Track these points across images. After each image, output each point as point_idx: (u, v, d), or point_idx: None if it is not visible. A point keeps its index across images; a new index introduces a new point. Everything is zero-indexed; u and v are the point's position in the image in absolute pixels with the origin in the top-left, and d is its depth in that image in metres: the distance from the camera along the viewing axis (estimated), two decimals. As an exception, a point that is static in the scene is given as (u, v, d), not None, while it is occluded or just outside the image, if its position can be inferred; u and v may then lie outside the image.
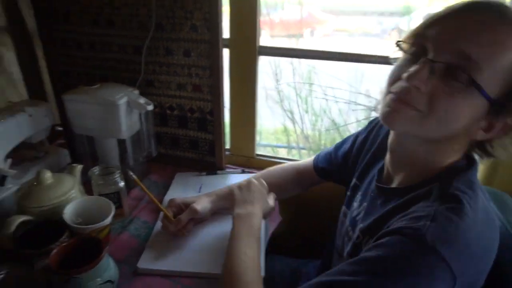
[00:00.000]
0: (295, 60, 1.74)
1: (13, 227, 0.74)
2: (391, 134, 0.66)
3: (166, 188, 1.11)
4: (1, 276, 0.65)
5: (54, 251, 0.66)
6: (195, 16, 1.01)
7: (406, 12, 1.88)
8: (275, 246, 1.01)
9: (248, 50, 1.10)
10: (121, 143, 1.08)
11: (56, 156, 1.12)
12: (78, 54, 1.17)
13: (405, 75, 0.54)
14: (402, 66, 0.56)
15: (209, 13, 0.99)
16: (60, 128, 1.29)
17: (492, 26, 0.50)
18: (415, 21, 0.70)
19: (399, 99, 0.54)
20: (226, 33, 1.08)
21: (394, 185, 0.65)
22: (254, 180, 0.88)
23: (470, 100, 0.51)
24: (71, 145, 1.19)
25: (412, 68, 0.53)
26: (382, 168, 0.71)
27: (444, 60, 0.51)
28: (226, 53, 1.10)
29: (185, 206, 0.89)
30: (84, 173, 0.96)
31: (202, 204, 0.88)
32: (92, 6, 1.09)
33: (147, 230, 0.93)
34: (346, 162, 0.87)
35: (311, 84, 2.80)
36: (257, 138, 1.27)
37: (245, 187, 0.86)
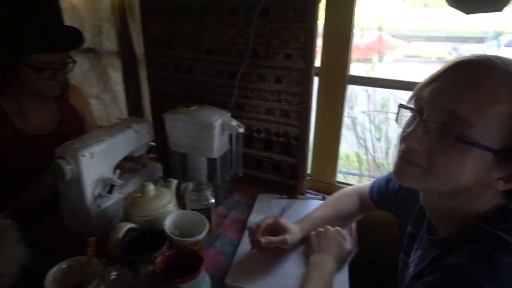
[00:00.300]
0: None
1: (121, 233, 0.81)
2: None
3: (248, 207, 1.15)
4: (113, 277, 0.71)
5: (159, 259, 0.71)
6: (290, 46, 1.06)
7: (495, 36, 1.78)
8: (358, 277, 0.99)
9: (337, 79, 1.11)
10: (211, 161, 1.14)
11: (151, 169, 1.21)
12: (177, 77, 1.28)
13: (403, 135, 0.59)
14: (405, 127, 0.61)
15: (305, 43, 1.03)
16: (152, 144, 1.40)
17: (478, 82, 0.52)
18: (504, 47, 0.72)
19: (404, 158, 0.60)
20: (316, 62, 1.11)
21: (439, 235, 0.66)
22: (330, 228, 0.93)
23: (469, 154, 0.53)
24: (165, 160, 1.28)
25: (409, 129, 0.58)
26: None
27: (434, 119, 0.55)
28: (315, 80, 1.13)
29: (277, 227, 0.92)
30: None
31: (294, 236, 0.91)
32: (194, 35, 1.19)
33: (232, 248, 0.96)
34: (397, 198, 0.87)
35: (387, 112, 2.73)
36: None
37: (322, 234, 0.92)
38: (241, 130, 1.07)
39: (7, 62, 1.05)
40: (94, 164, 0.96)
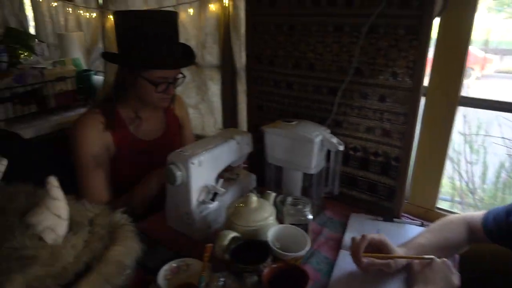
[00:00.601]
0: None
1: (226, 241, 0.85)
2: None
3: (341, 225, 1.13)
4: (221, 282, 0.74)
5: (266, 271, 0.73)
6: (397, 64, 1.03)
7: None
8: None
9: (448, 100, 1.05)
10: (306, 176, 1.14)
11: (246, 179, 1.25)
12: (275, 92, 1.31)
13: None
14: None
15: (414, 62, 0.99)
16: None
17: None
18: None
19: None
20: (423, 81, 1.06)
21: None
22: (437, 260, 0.86)
23: None
24: (258, 171, 1.31)
25: None
26: None
27: None
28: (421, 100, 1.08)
29: (383, 246, 0.89)
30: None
31: (398, 260, 0.87)
32: (296, 51, 1.21)
33: (328, 266, 0.95)
34: None
35: (485, 136, 2.51)
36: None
37: (428, 266, 0.86)
38: (341, 147, 1.06)
39: (129, 75, 1.17)
40: (201, 171, 1.02)
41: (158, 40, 1.12)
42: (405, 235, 1.06)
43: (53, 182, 0.52)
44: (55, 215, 0.54)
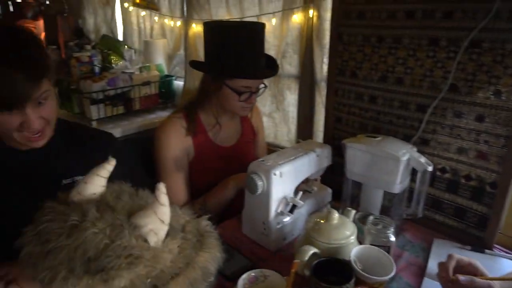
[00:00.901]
0: None
1: (307, 257, 0.83)
2: None
3: (423, 250, 1.05)
4: (304, 300, 0.73)
5: (351, 294, 0.70)
6: (502, 82, 0.94)
7: None
8: None
9: (559, 123, 0.94)
10: (387, 195, 1.09)
11: (322, 193, 1.23)
12: (357, 105, 1.27)
13: None
14: None
15: (522, 80, 0.90)
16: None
17: None
18: None
19: None
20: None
21: None
22: None
23: None
24: (333, 185, 1.28)
25: None
26: None
27: None
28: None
29: (474, 271, 0.81)
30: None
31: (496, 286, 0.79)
32: (384, 64, 1.16)
33: (411, 294, 0.89)
34: None
35: None
36: None
37: None
38: (430, 168, 1.00)
39: (214, 83, 1.21)
40: (282, 182, 1.01)
41: (246, 51, 1.15)
42: (498, 269, 0.97)
43: (162, 189, 0.55)
44: (160, 220, 0.56)
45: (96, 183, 0.56)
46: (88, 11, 3.04)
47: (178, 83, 2.20)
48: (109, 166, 0.57)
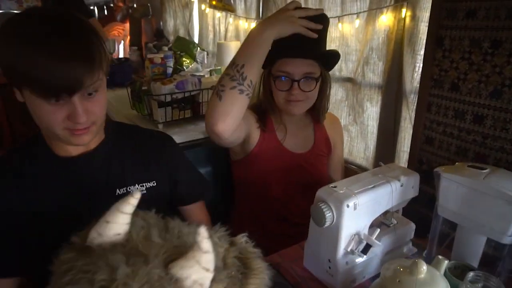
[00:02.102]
0: None
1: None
2: None
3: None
4: None
5: None
6: None
7: None
8: None
9: None
10: (490, 244, 0.86)
11: (404, 228, 1.03)
12: (456, 124, 1.05)
13: None
14: None
15: None
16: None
17: None
18: None
19: None
20: None
21: None
22: None
23: None
24: (420, 218, 1.07)
25: None
26: None
27: None
28: None
29: None
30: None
31: None
32: (498, 75, 0.93)
33: None
34: None
35: None
36: None
37: None
38: (561, 217, 0.75)
39: (266, 76, 1.18)
40: (355, 216, 0.85)
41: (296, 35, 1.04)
42: None
43: (204, 234, 0.43)
44: (204, 268, 0.46)
45: (120, 222, 0.46)
46: (169, 14, 3.12)
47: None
48: (134, 200, 0.46)
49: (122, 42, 4.57)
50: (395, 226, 1.02)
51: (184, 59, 1.92)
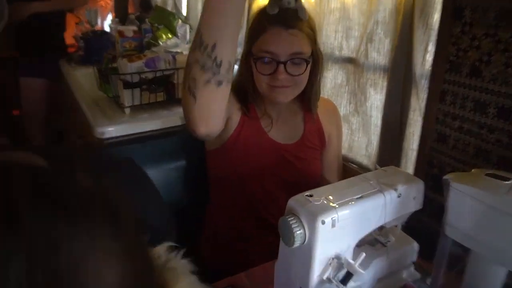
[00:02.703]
0: None
1: None
2: None
3: None
4: None
5: None
6: None
7: None
8: None
9: None
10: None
11: (404, 248, 0.90)
12: (476, 119, 0.93)
13: None
14: None
15: None
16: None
17: None
18: None
19: None
20: None
21: None
22: None
23: None
24: (421, 237, 0.94)
25: None
26: None
27: None
28: None
29: None
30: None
31: None
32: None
33: None
34: None
35: None
36: None
37: None
38: None
39: (245, 55, 1.09)
40: (334, 234, 0.72)
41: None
42: None
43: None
44: None
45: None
46: (159, -20, 2.98)
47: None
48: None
49: (110, 14, 4.46)
50: (393, 245, 0.90)
51: (160, 32, 1.79)
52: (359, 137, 1.42)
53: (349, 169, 1.40)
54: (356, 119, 1.42)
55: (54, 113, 2.79)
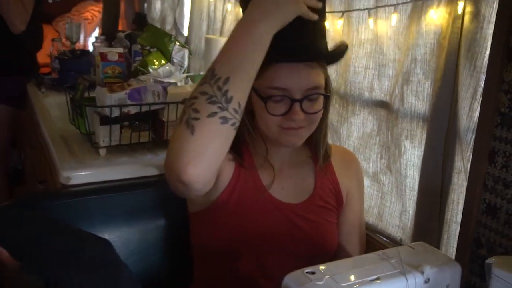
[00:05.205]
0: None
1: None
2: None
3: None
4: None
5: None
6: None
7: None
8: None
9: None
10: None
11: None
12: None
13: None
14: None
15: None
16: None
17: None
18: None
19: None
20: None
21: None
22: None
23: None
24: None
25: None
26: None
27: None
28: None
29: None
30: None
31: None
32: None
33: None
34: None
35: None
36: None
37: None
38: None
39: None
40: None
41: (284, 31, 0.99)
42: None
43: None
44: None
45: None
46: (155, -7, 3.18)
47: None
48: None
49: (98, 29, 4.69)
50: None
51: (151, 58, 1.89)
52: (391, 201, 1.45)
53: (376, 243, 1.42)
54: (388, 178, 1.45)
55: (17, 146, 2.90)
